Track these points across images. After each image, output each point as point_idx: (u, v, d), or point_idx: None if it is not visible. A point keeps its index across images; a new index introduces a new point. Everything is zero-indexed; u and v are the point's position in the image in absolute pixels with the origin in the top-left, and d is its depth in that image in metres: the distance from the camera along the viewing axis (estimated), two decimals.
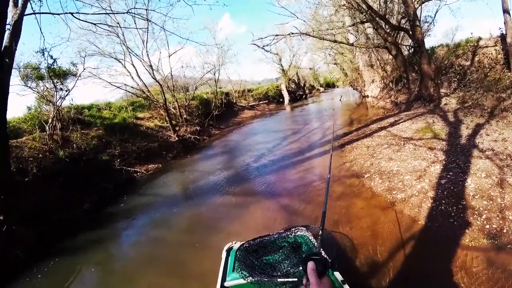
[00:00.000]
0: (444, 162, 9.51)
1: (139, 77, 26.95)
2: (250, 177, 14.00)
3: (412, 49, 21.56)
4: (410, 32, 19.17)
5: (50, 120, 16.50)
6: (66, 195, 13.61)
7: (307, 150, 16.65)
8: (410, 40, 20.88)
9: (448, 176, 8.60)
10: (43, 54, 16.22)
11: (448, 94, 17.64)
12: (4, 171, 10.47)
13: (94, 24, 14.27)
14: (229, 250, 6.02)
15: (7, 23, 10.09)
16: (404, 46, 24.58)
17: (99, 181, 15.84)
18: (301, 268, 4.07)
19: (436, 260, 5.88)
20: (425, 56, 18.48)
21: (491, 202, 6.99)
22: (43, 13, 11.41)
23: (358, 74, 36.51)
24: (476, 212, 6.80)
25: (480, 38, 19.74)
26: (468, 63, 18.51)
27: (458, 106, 15.44)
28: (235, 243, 6.25)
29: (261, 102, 49.42)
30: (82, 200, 13.82)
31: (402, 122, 16.04)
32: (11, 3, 10.58)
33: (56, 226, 11.78)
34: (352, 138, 16.30)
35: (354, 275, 4.92)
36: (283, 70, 56.15)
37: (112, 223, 11.77)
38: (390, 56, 24.92)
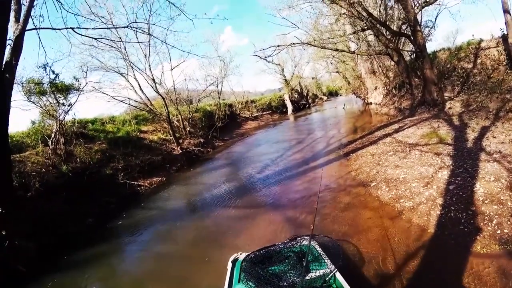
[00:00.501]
0: (451, 167, 9.33)
1: (142, 91, 27.12)
2: (254, 188, 13.82)
3: (414, 54, 21.46)
4: (412, 38, 19.03)
5: (53, 135, 16.42)
6: (70, 209, 13.49)
7: (311, 159, 16.52)
8: (411, 46, 20.76)
9: (456, 181, 8.43)
10: (45, 69, 16.32)
11: (452, 97, 17.51)
12: (7, 187, 10.36)
13: (95, 38, 14.25)
14: (234, 261, 6.08)
15: (8, 38, 10.05)
16: (406, 52, 24.48)
17: (103, 195, 15.70)
18: (307, 278, 4.74)
19: (448, 269, 5.70)
20: (427, 61, 18.33)
21: (501, 206, 6.84)
22: (44, 28, 11.40)
23: (361, 81, 36.39)
24: (486, 217, 6.64)
25: (481, 40, 19.70)
26: (470, 65, 18.47)
27: (463, 110, 15.28)
28: (240, 254, 6.30)
29: (265, 112, 49.41)
30: (85, 215, 13.69)
31: (406, 128, 15.84)
32: (12, 19, 10.57)
33: (59, 240, 11.66)
34: (357, 146, 16.11)
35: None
36: (285, 80, 56.30)
37: (115, 238, 11.68)
38: (392, 63, 24.91)
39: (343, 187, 11.14)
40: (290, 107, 53.07)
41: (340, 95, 66.04)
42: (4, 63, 9.98)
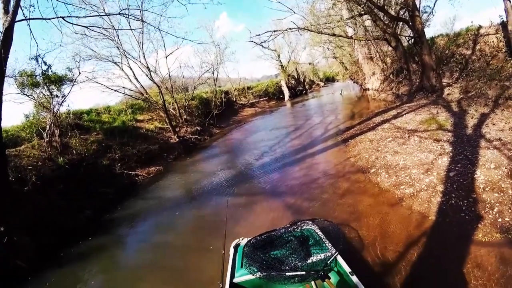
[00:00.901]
0: (451, 154, 9.27)
1: (136, 79, 26.82)
2: (253, 176, 13.79)
3: (412, 40, 21.31)
4: (410, 23, 18.84)
5: (47, 127, 16.28)
6: (67, 202, 13.37)
7: (309, 146, 16.42)
8: (409, 31, 20.58)
9: (457, 168, 8.38)
10: (37, 61, 16.11)
11: (451, 84, 17.38)
12: (3, 182, 10.29)
13: (86, 27, 14.01)
14: (236, 247, 6.18)
15: None
16: (404, 37, 24.28)
17: (100, 187, 15.60)
18: (309, 261, 4.79)
19: (448, 257, 5.68)
20: (425, 47, 18.17)
21: (502, 194, 6.79)
22: (34, 18, 11.16)
23: (358, 67, 36.21)
24: (487, 205, 6.60)
25: (480, 27, 19.51)
26: (469, 52, 18.30)
27: (462, 96, 15.17)
28: (242, 239, 6.43)
29: (261, 99, 49.32)
30: (83, 207, 13.56)
31: (405, 114, 15.78)
32: (1, 10, 10.39)
33: (57, 234, 11.51)
34: (355, 132, 16.03)
35: (364, 275, 4.70)
36: (282, 66, 56.00)
37: (114, 229, 11.61)
38: (390, 48, 24.67)
39: (342, 173, 11.07)
40: (287, 93, 52.92)
41: (337, 81, 65.99)
42: None
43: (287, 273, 4.55)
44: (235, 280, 5.20)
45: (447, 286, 5.14)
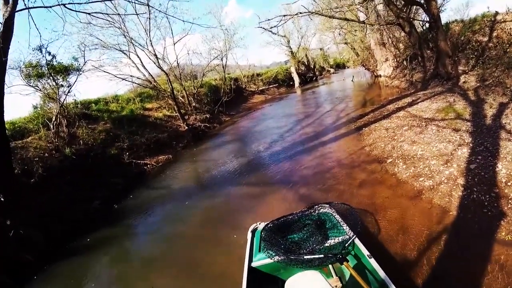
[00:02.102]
0: (471, 145, 8.82)
1: (144, 67, 26.47)
2: (264, 165, 13.49)
3: (426, 25, 20.75)
4: (425, 7, 18.24)
5: (54, 118, 16.10)
6: (75, 193, 13.24)
7: (321, 134, 16.02)
8: (423, 16, 20.01)
9: (477, 160, 7.94)
10: (41, 51, 15.92)
11: (466, 71, 16.75)
12: (8, 175, 10.15)
13: (89, 13, 13.60)
14: (254, 231, 6.17)
15: None
16: (418, 23, 23.66)
17: (109, 176, 15.46)
18: (326, 244, 4.83)
19: (470, 255, 5.34)
20: (441, 32, 17.52)
21: None
22: (35, 7, 10.78)
23: (369, 53, 35.56)
24: (510, 201, 6.20)
25: (497, 13, 18.85)
26: (485, 39, 17.62)
27: (478, 84, 14.59)
28: (259, 223, 6.39)
29: (271, 86, 48.74)
30: (92, 197, 13.45)
31: (420, 101, 15.26)
32: (1, 1, 10.11)
33: (66, 225, 11.41)
34: (369, 120, 15.56)
35: (382, 261, 4.54)
36: (292, 52, 55.23)
37: (124, 220, 11.45)
38: (403, 34, 24.16)
39: (357, 163, 10.67)
40: (297, 80, 52.13)
41: (348, 68, 65.03)
42: None
43: (305, 257, 4.57)
44: (253, 264, 5.20)
45: (466, 286, 4.83)
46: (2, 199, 9.54)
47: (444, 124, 10.99)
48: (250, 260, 5.30)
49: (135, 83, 26.69)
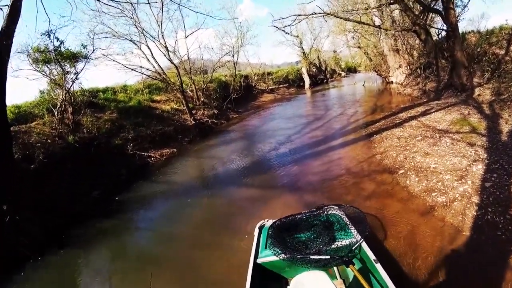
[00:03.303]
0: (486, 162, 8.43)
1: (154, 59, 26.10)
2: (270, 167, 13.17)
3: (443, 33, 20.35)
4: (443, 14, 17.82)
5: (58, 104, 15.90)
6: (76, 182, 13.04)
7: (330, 138, 15.67)
8: (439, 24, 19.62)
9: (493, 178, 7.57)
10: (49, 36, 15.72)
11: (481, 84, 16.33)
12: (6, 160, 9.89)
13: (99, 0, 13.28)
14: (261, 228, 6.22)
15: (5, 4, 9.58)
16: (433, 31, 23.25)
17: (111, 167, 15.26)
18: (333, 246, 4.82)
19: (482, 280, 5.06)
20: (458, 42, 17.13)
21: None
22: None
23: (382, 59, 35.19)
24: None
25: None
26: (502, 52, 17.19)
27: (493, 98, 14.20)
28: (267, 220, 6.43)
29: (281, 85, 48.42)
30: (92, 187, 13.23)
31: (434, 111, 14.91)
32: None
33: (63, 214, 11.17)
34: (380, 127, 15.20)
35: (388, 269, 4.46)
36: (304, 53, 54.85)
37: (123, 213, 11.24)
38: (417, 41, 23.79)
39: (367, 172, 10.28)
40: (307, 81, 51.82)
41: (359, 72, 64.70)
42: (0, 30, 9.46)
43: (311, 257, 4.57)
44: (259, 260, 5.25)
45: None
46: None
47: (458, 137, 10.60)
48: (256, 256, 5.35)
49: (145, 74, 26.39)
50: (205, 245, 7.89)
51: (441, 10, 18.22)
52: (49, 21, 14.61)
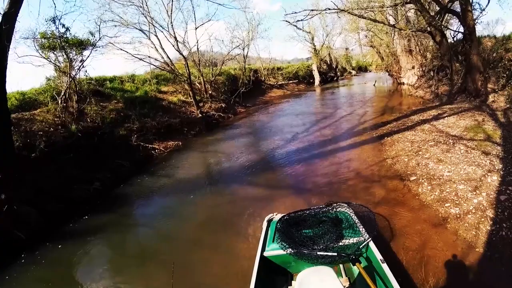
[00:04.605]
0: (501, 173, 8.01)
1: (163, 49, 25.82)
2: (276, 165, 12.87)
3: (456, 37, 20.00)
4: (461, 15, 17.33)
5: (62, 92, 15.63)
6: (77, 172, 12.75)
7: (339, 138, 15.36)
8: (455, 27, 19.17)
9: (508, 191, 7.16)
10: (54, 23, 15.47)
11: (496, 90, 15.89)
12: (6, 148, 9.70)
13: None
14: (269, 221, 6.24)
15: None
16: (448, 34, 22.79)
17: (114, 158, 14.94)
18: (341, 243, 4.87)
19: None
20: (475, 46, 16.68)
21: None
22: None
23: (395, 59, 34.80)
24: None
25: None
26: None
27: (508, 106, 13.83)
28: (276, 214, 6.44)
29: (291, 81, 48.16)
30: (93, 178, 12.91)
31: (446, 116, 14.48)
32: None
33: (62, 205, 10.90)
34: (391, 129, 14.84)
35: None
36: (315, 49, 54.36)
37: (123, 206, 11.02)
38: (431, 43, 23.37)
39: (377, 177, 9.91)
40: (317, 78, 51.30)
41: (370, 71, 64.36)
42: (2, 13, 9.19)
43: (318, 253, 4.66)
44: (265, 253, 5.26)
45: None
46: None
47: (473, 145, 10.16)
48: (263, 249, 5.36)
49: (153, 64, 26.18)
50: (204, 247, 7.58)
51: (458, 12, 17.76)
52: (55, 7, 14.25)
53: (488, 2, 23.67)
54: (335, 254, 4.58)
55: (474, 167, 8.62)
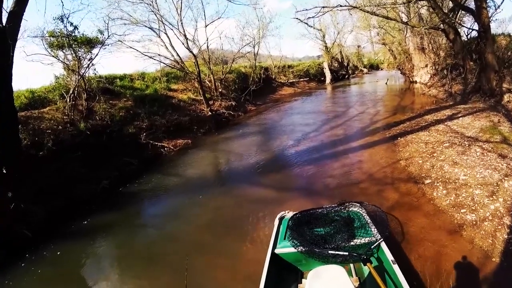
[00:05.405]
0: None
1: (173, 47, 25.75)
2: (287, 166, 12.68)
3: (470, 34, 19.59)
4: (475, 13, 16.94)
5: (71, 90, 15.58)
6: (84, 170, 12.71)
7: (351, 138, 15.14)
8: (468, 24, 18.77)
9: None
10: (62, 21, 15.42)
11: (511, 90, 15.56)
12: (14, 147, 9.64)
13: None
14: (281, 219, 6.25)
15: None
16: (462, 32, 22.39)
17: (123, 156, 14.88)
18: (352, 243, 4.88)
19: None
20: (490, 44, 16.26)
21: None
22: None
23: (407, 57, 34.40)
24: None
25: None
26: None
27: None
28: (288, 212, 6.46)
29: (301, 79, 47.90)
30: (101, 177, 12.84)
31: (461, 116, 14.19)
32: None
33: (69, 203, 10.89)
34: (405, 129, 14.59)
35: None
36: (326, 47, 54.16)
37: (130, 206, 10.84)
38: (444, 40, 22.96)
39: (391, 179, 9.63)
40: (328, 76, 50.95)
41: (381, 69, 63.89)
42: (8, 12, 9.15)
43: (329, 251, 4.68)
44: (277, 251, 5.27)
45: None
46: (4, 171, 8.94)
47: (489, 147, 9.84)
48: (274, 246, 5.36)
49: (163, 62, 26.09)
50: (209, 251, 7.40)
51: (473, 9, 17.37)
52: (62, 5, 14.15)
53: (502, 1, 23.14)
54: (346, 253, 4.59)
55: (490, 170, 8.33)
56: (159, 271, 6.89)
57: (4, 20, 8.89)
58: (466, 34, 22.51)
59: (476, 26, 17.41)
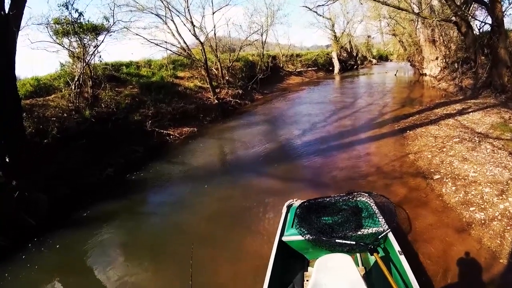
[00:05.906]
0: None
1: (179, 34, 25.63)
2: (293, 156, 12.59)
3: (482, 28, 19.31)
4: (489, 6, 16.62)
5: (76, 77, 15.53)
6: (90, 158, 12.69)
7: (359, 130, 14.92)
8: (481, 18, 18.44)
9: None
10: (67, 8, 15.28)
11: None
12: (17, 134, 9.59)
13: None
14: (289, 207, 6.23)
15: None
16: (474, 25, 22.03)
17: (128, 143, 14.88)
18: (359, 233, 4.82)
19: None
20: (503, 39, 15.99)
21: None
22: None
23: (417, 49, 34.01)
24: None
25: None
26: None
27: None
28: (296, 200, 6.42)
29: (309, 68, 47.52)
30: (106, 164, 12.85)
31: (471, 111, 13.93)
32: None
33: (74, 191, 10.86)
34: (414, 122, 14.38)
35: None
36: (335, 37, 53.80)
37: (134, 194, 10.77)
38: (455, 33, 22.60)
39: (399, 173, 9.46)
40: (337, 66, 50.51)
41: (390, 61, 63.30)
42: None
43: (336, 240, 4.62)
44: (284, 238, 5.29)
45: None
46: (7, 160, 8.99)
47: (499, 145, 9.63)
48: (282, 234, 5.38)
49: (169, 50, 26.02)
50: (213, 243, 7.30)
51: (486, 2, 17.05)
52: None
53: None
54: (353, 242, 4.52)
55: (500, 168, 8.15)
56: (164, 260, 6.88)
57: (7, 8, 8.79)
58: (479, 27, 22.24)
59: (489, 20, 17.13)
